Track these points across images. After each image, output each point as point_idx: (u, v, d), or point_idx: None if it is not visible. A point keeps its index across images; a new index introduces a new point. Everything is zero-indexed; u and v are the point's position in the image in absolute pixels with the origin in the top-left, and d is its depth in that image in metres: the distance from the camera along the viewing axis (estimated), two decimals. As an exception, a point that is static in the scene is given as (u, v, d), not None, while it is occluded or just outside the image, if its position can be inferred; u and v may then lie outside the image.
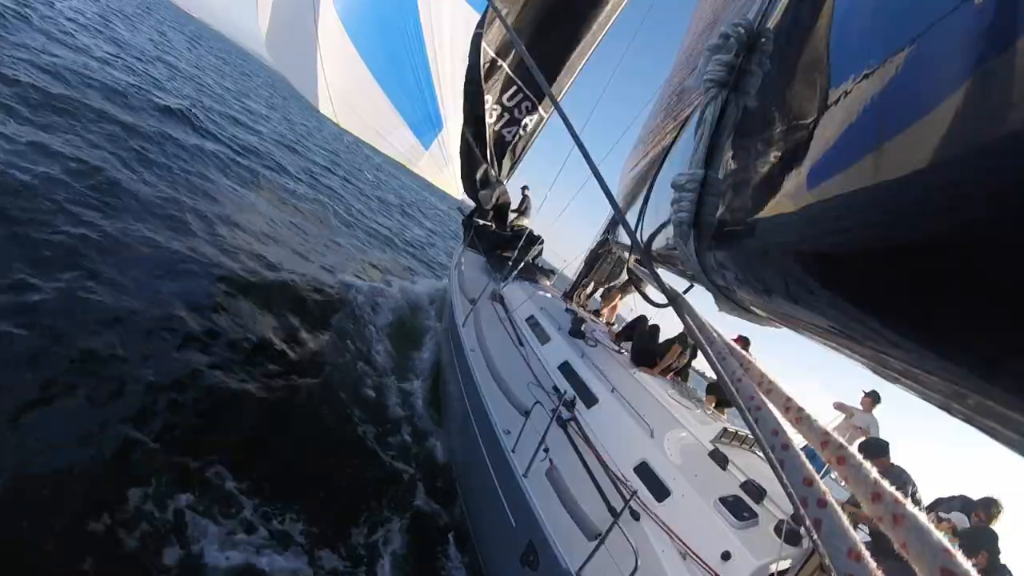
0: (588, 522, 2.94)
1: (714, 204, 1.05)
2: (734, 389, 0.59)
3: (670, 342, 5.11)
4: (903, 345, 0.56)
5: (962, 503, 3.84)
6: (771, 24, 0.92)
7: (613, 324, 6.86)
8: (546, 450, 3.42)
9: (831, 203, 0.67)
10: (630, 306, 7.01)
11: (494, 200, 7.91)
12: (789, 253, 0.78)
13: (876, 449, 3.61)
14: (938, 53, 0.49)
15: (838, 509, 0.39)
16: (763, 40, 0.84)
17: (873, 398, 5.24)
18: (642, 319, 5.75)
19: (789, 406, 0.47)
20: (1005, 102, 0.38)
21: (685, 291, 4.03)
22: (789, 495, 0.78)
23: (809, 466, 0.44)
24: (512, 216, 8.57)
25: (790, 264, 0.78)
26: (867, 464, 0.36)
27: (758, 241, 0.90)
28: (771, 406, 0.50)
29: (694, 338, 0.88)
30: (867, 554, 0.36)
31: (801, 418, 0.44)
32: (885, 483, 0.33)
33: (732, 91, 0.96)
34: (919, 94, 0.51)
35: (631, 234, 1.19)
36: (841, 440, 0.39)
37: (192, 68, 19.36)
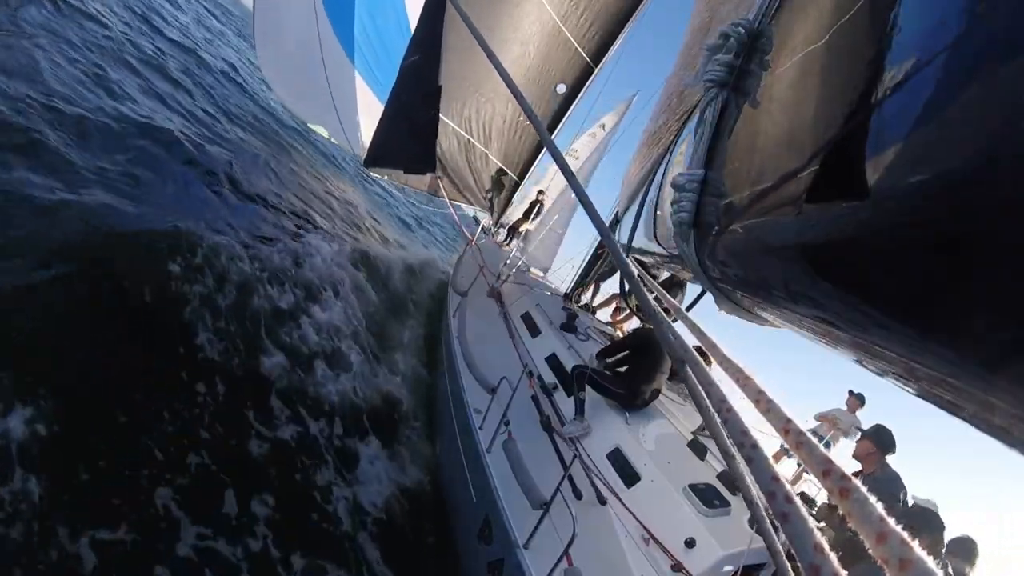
0: (536, 491, 2.85)
1: (714, 204, 1.03)
2: (704, 393, 0.58)
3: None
4: (903, 344, 0.55)
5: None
6: (771, 24, 0.91)
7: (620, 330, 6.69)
8: (507, 423, 3.39)
9: (831, 203, 0.66)
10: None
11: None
12: (789, 253, 0.77)
13: (881, 441, 3.42)
14: (939, 58, 0.49)
15: (802, 506, 0.43)
16: (763, 40, 0.83)
17: (859, 399, 5.18)
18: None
19: (789, 428, 0.45)
20: (1005, 104, 0.39)
21: (698, 298, 4.04)
22: (749, 500, 0.77)
23: (776, 468, 0.47)
24: (518, 218, 8.80)
25: (790, 264, 0.77)
26: (873, 500, 0.34)
27: (758, 241, 0.89)
28: (739, 414, 0.51)
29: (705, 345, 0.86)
30: (828, 548, 0.39)
31: (801, 443, 0.42)
32: (891, 521, 0.32)
33: (732, 91, 0.94)
34: (920, 96, 0.51)
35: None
36: (845, 471, 0.37)
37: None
